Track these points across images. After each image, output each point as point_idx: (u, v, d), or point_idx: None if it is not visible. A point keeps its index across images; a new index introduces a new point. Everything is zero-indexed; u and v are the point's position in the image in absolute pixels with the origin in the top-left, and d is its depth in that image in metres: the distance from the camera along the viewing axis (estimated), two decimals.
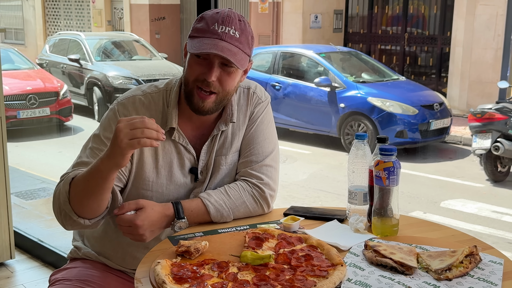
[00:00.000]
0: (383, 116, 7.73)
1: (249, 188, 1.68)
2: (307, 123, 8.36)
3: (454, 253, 1.33)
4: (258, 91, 1.79)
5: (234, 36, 1.58)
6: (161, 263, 1.32)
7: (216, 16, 1.59)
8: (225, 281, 1.27)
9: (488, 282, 1.26)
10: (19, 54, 10.13)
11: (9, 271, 3.21)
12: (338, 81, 8.16)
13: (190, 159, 1.70)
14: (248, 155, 1.72)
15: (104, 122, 1.67)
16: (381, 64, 9.50)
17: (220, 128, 1.71)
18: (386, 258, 1.33)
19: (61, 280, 1.71)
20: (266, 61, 9.11)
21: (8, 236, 3.19)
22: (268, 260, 1.34)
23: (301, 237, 1.49)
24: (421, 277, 1.28)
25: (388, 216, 1.52)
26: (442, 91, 10.75)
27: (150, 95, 1.69)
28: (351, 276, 1.30)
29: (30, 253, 3.39)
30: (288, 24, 12.39)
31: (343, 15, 12.81)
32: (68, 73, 10.98)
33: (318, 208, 1.74)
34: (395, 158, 1.50)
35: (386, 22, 12.57)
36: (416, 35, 11.98)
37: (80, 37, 11.17)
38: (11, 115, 8.56)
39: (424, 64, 11.95)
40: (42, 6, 17.37)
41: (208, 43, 1.55)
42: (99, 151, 1.60)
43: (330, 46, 9.57)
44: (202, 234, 1.57)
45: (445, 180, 6.78)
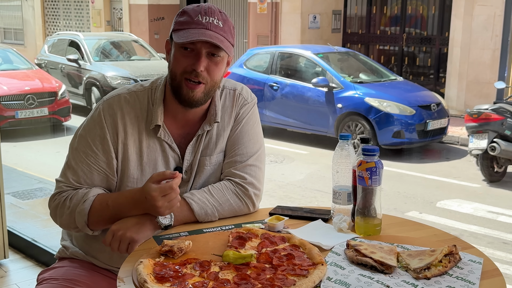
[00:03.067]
0: (381, 117, 7.74)
1: (232, 187, 1.69)
2: (304, 123, 8.38)
3: (433, 252, 1.35)
4: (244, 93, 1.81)
5: (218, 26, 1.62)
6: (144, 262, 1.34)
7: (197, 8, 1.63)
8: (206, 280, 1.29)
9: (466, 281, 1.27)
10: (17, 54, 10.15)
11: (2, 271, 3.23)
12: (336, 81, 8.17)
13: (175, 158, 1.71)
14: (232, 155, 1.74)
15: (89, 123, 1.69)
16: (378, 65, 9.51)
17: (204, 128, 1.72)
18: (366, 257, 1.34)
19: (48, 280, 1.72)
20: (264, 61, 9.13)
21: (1, 235, 3.21)
22: (250, 260, 1.36)
23: (284, 236, 1.50)
24: (400, 276, 1.30)
25: (371, 216, 1.54)
26: (440, 91, 10.76)
27: (135, 93, 1.71)
28: (331, 275, 1.31)
29: (24, 253, 3.41)
30: (287, 24, 12.40)
31: (341, 15, 12.82)
32: (67, 73, 11.00)
33: (304, 207, 1.75)
34: (377, 158, 1.51)
35: (384, 23, 12.58)
36: (415, 35, 11.99)
37: (78, 37, 11.19)
38: (9, 115, 8.59)
39: (423, 65, 11.96)
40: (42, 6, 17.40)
41: (195, 33, 1.58)
42: (86, 155, 1.66)
43: (328, 47, 9.58)
44: (187, 233, 1.58)
45: (442, 180, 6.79)
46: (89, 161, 1.65)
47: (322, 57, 8.68)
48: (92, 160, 1.65)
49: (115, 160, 1.66)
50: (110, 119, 1.67)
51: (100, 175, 1.66)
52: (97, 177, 1.65)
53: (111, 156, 1.66)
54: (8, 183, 6.07)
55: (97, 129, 1.67)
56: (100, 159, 1.65)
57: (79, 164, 1.66)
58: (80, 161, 1.66)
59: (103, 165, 1.66)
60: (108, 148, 1.65)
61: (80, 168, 1.66)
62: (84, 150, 1.66)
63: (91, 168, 1.65)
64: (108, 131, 1.66)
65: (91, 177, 1.65)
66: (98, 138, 1.66)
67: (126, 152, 1.67)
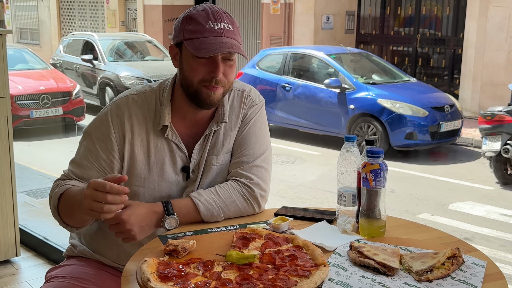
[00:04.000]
0: (393, 118, 7.71)
1: (239, 188, 1.70)
2: (316, 124, 8.37)
3: (436, 255, 1.34)
4: (252, 94, 1.82)
5: (230, 30, 1.63)
6: (148, 261, 1.35)
7: (204, 14, 1.62)
8: (208, 280, 1.30)
9: (468, 284, 1.27)
10: (33, 54, 10.25)
11: (14, 268, 3.27)
12: (348, 82, 8.15)
13: (182, 157, 1.73)
14: (239, 156, 1.75)
15: (96, 122, 1.73)
16: (392, 66, 9.48)
17: (212, 128, 1.74)
18: (368, 259, 1.35)
19: (55, 277, 1.75)
20: (276, 62, 9.13)
21: (13, 233, 3.25)
22: (253, 260, 1.37)
23: (288, 237, 1.51)
24: (402, 278, 1.30)
25: (375, 218, 1.54)
26: (454, 93, 10.69)
27: (144, 94, 1.73)
28: (334, 276, 1.32)
29: (35, 251, 3.44)
30: (300, 25, 12.39)
31: (355, 16, 12.78)
32: (82, 73, 11.09)
33: (309, 208, 1.76)
34: (382, 160, 1.52)
35: (398, 23, 12.52)
36: (429, 36, 11.93)
37: (93, 37, 11.28)
38: (24, 115, 8.67)
39: (437, 66, 11.88)
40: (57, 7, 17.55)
41: (213, 43, 1.58)
42: (89, 152, 1.70)
43: (341, 47, 9.56)
44: (193, 233, 1.60)
45: (455, 183, 6.75)
46: (90, 158, 1.68)
47: (335, 58, 8.67)
48: (94, 157, 1.68)
49: (117, 160, 1.69)
50: (117, 120, 1.69)
51: (99, 173, 1.68)
52: (96, 174, 1.67)
53: (113, 155, 1.68)
54: (22, 181, 6.15)
55: (102, 128, 1.70)
56: (100, 158, 1.68)
57: (82, 159, 1.70)
58: (82, 156, 1.70)
59: (103, 163, 1.68)
60: (111, 147, 1.68)
61: (82, 163, 1.70)
62: (88, 146, 1.70)
63: (92, 164, 1.68)
64: (113, 131, 1.68)
65: (91, 173, 1.67)
66: (102, 137, 1.69)
67: (133, 152, 1.69)
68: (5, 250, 3.23)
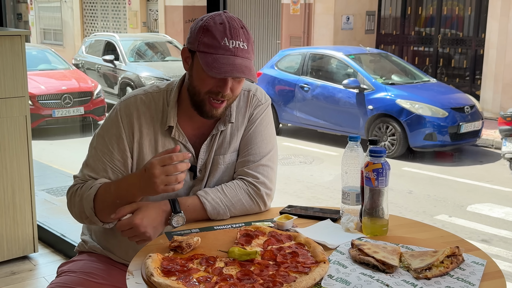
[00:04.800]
0: (412, 119, 7.68)
1: (245, 186, 1.73)
2: (335, 125, 8.37)
3: (435, 253, 1.36)
4: (258, 94, 1.84)
5: (244, 49, 1.62)
6: (152, 256, 1.39)
7: (221, 28, 1.60)
8: (210, 275, 1.33)
9: (466, 282, 1.28)
10: (55, 55, 10.41)
11: (32, 264, 3.34)
12: (367, 82, 8.13)
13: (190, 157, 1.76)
14: (245, 155, 1.78)
15: (107, 123, 1.76)
16: (411, 66, 9.43)
17: (219, 128, 1.77)
18: (368, 257, 1.36)
19: (66, 272, 1.80)
20: (295, 63, 9.15)
21: (32, 230, 3.32)
22: (254, 256, 1.39)
23: (290, 235, 1.53)
24: (401, 276, 1.32)
25: (378, 216, 1.55)
26: (475, 93, 10.60)
27: (151, 94, 1.77)
28: (333, 273, 1.34)
29: (53, 247, 3.52)
30: (320, 25, 12.39)
31: (375, 16, 12.73)
32: (103, 74, 11.24)
33: (314, 207, 1.78)
34: (384, 160, 1.53)
35: (419, 23, 12.44)
36: (450, 36, 11.83)
37: (114, 38, 11.42)
38: (46, 114, 8.83)
39: (458, 66, 11.79)
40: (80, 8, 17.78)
41: (225, 63, 1.58)
42: (103, 153, 1.73)
43: (360, 48, 9.55)
44: (199, 230, 1.63)
45: (474, 184, 6.69)
46: (104, 159, 1.71)
47: (354, 58, 8.66)
48: (108, 158, 1.71)
49: (130, 159, 1.72)
50: (126, 119, 1.73)
51: (115, 173, 1.71)
52: (112, 175, 1.71)
53: (126, 155, 1.71)
54: (43, 180, 6.26)
55: (113, 128, 1.73)
56: (115, 158, 1.71)
57: (96, 162, 1.73)
58: (97, 159, 1.73)
59: (118, 163, 1.71)
60: (124, 147, 1.71)
61: (96, 165, 1.72)
62: (101, 148, 1.73)
63: (106, 166, 1.71)
64: (124, 131, 1.72)
65: (106, 175, 1.71)
66: (114, 137, 1.72)
67: (141, 151, 1.73)
68: (23, 246, 3.31)
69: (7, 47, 3.07)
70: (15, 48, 3.09)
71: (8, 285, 3.10)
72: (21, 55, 3.12)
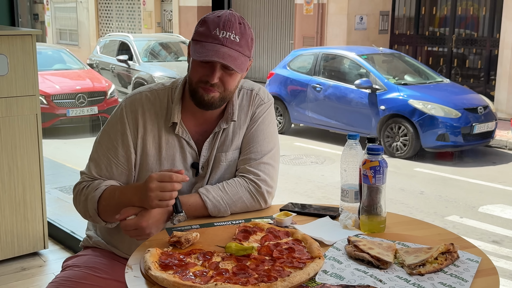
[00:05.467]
0: (424, 119, 7.65)
1: (246, 184, 1.75)
2: (346, 125, 8.36)
3: (430, 249, 1.37)
4: (261, 93, 1.87)
5: (235, 41, 1.65)
6: (151, 251, 1.42)
7: (217, 20, 1.66)
8: (206, 269, 1.35)
9: (459, 278, 1.29)
10: (70, 55, 10.52)
11: (42, 260, 3.39)
12: (379, 83, 8.12)
13: (192, 154, 1.79)
14: (247, 152, 1.80)
15: (112, 119, 1.79)
16: (425, 66, 9.39)
17: (221, 126, 1.79)
18: (363, 253, 1.38)
19: (71, 266, 1.83)
20: (307, 63, 9.16)
21: (42, 227, 3.37)
22: (251, 251, 1.42)
23: (288, 231, 1.55)
24: (395, 272, 1.33)
25: (376, 214, 1.57)
26: (490, 94, 10.52)
27: (156, 91, 1.80)
28: (328, 269, 1.36)
29: (63, 244, 3.57)
30: (333, 25, 12.37)
31: (389, 16, 12.69)
32: (117, 74, 11.33)
33: (315, 205, 1.80)
34: (381, 157, 1.54)
35: (433, 24, 12.37)
36: (464, 37, 11.75)
37: (129, 38, 11.50)
38: (61, 113, 8.92)
39: (472, 67, 11.70)
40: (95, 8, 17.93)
41: (210, 49, 1.63)
42: (108, 149, 1.76)
43: (373, 48, 9.52)
44: (199, 226, 1.65)
45: (486, 185, 6.65)
46: (109, 155, 1.75)
47: (366, 59, 8.64)
48: (112, 154, 1.75)
49: (133, 155, 1.75)
50: (131, 116, 1.76)
51: (119, 169, 1.75)
52: (116, 170, 1.75)
53: (130, 151, 1.75)
54: (57, 178, 6.33)
55: (118, 124, 1.76)
56: (119, 154, 1.75)
57: (101, 157, 1.76)
58: (102, 154, 1.76)
59: (122, 159, 1.75)
60: (128, 143, 1.75)
61: (101, 161, 1.76)
62: (106, 144, 1.76)
63: (111, 161, 1.75)
64: (128, 127, 1.75)
65: (111, 170, 1.75)
66: (119, 133, 1.75)
67: (145, 147, 1.76)
68: (33, 243, 3.36)
69: (19, 46, 3.12)
70: (26, 47, 3.15)
71: (18, 280, 3.16)
72: (32, 55, 3.17)
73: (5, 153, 3.18)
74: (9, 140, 3.18)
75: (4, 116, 3.15)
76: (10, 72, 3.12)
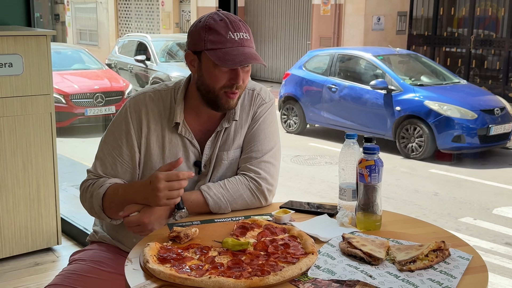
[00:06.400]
0: (440, 120, 7.62)
1: (247, 182, 1.79)
2: (362, 126, 8.35)
3: (421, 247, 1.40)
4: (262, 93, 1.91)
5: (248, 39, 1.72)
6: (150, 245, 1.46)
7: (223, 24, 1.69)
8: (202, 263, 1.40)
9: (448, 275, 1.32)
10: (89, 55, 10.66)
11: (55, 256, 3.47)
12: (395, 83, 8.10)
13: (195, 153, 1.83)
14: (248, 151, 1.84)
15: (117, 119, 1.85)
16: (441, 67, 9.33)
17: (223, 125, 1.84)
18: (356, 249, 1.41)
19: (77, 260, 1.89)
20: (323, 63, 9.17)
21: (55, 223, 3.45)
22: (247, 247, 1.45)
23: (285, 228, 1.59)
24: (386, 268, 1.36)
25: (372, 212, 1.60)
26: (509, 95, 10.43)
27: (160, 92, 1.85)
28: (321, 264, 1.39)
29: (76, 240, 3.64)
30: (350, 26, 12.36)
31: (407, 16, 12.63)
32: (135, 74, 11.44)
33: (314, 203, 1.83)
34: (377, 157, 1.57)
35: (451, 24, 12.29)
36: (483, 37, 11.66)
37: (146, 39, 11.61)
38: (79, 113, 9.05)
39: (491, 68, 11.61)
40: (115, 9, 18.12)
41: (237, 54, 1.67)
42: (113, 148, 1.82)
43: (389, 49, 9.50)
44: (200, 222, 1.70)
45: (501, 187, 6.61)
46: (114, 154, 1.80)
47: (382, 59, 8.63)
48: (117, 153, 1.80)
49: (137, 153, 1.80)
50: (135, 115, 1.81)
51: (123, 167, 1.80)
52: (121, 168, 1.80)
53: (134, 150, 1.80)
54: (74, 176, 6.43)
55: (123, 124, 1.82)
56: (124, 153, 1.80)
57: (106, 156, 1.82)
58: (107, 153, 1.82)
59: (127, 158, 1.80)
60: (132, 142, 1.80)
61: (107, 159, 1.82)
62: (111, 143, 1.82)
63: (116, 160, 1.80)
64: (132, 126, 1.80)
65: (115, 169, 1.80)
66: (123, 132, 1.81)
67: (149, 146, 1.81)
68: (47, 238, 3.44)
69: (33, 46, 3.20)
70: (41, 47, 3.23)
71: (32, 275, 3.24)
72: (46, 54, 3.24)
73: (20, 151, 3.27)
74: (24, 137, 3.27)
75: (19, 115, 3.23)
76: (25, 71, 3.20)
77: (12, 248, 3.35)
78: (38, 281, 3.16)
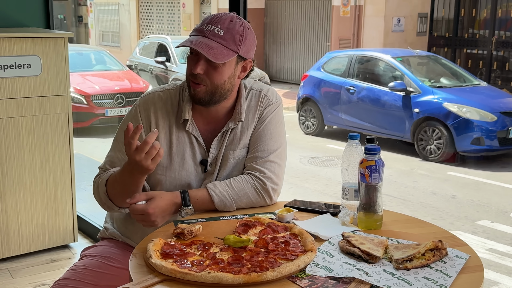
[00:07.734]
0: (459, 122, 7.57)
1: (252, 181, 1.83)
2: (380, 128, 8.33)
3: (418, 246, 1.42)
4: (269, 94, 1.95)
5: (218, 34, 1.75)
6: (155, 241, 1.51)
7: (210, 17, 1.80)
8: (204, 259, 1.44)
9: (443, 274, 1.34)
10: (110, 56, 10.81)
11: (71, 253, 3.54)
12: (414, 85, 8.06)
13: (201, 151, 1.88)
14: (254, 151, 1.88)
15: (127, 117, 1.92)
16: (461, 69, 9.26)
17: (229, 125, 1.88)
18: (354, 247, 1.44)
19: (87, 256, 1.94)
20: (342, 65, 9.16)
21: (72, 220, 3.52)
22: (248, 244, 1.49)
23: (287, 226, 1.62)
24: (382, 266, 1.38)
25: (373, 211, 1.62)
26: None
27: (168, 91, 1.91)
28: (320, 262, 1.42)
29: (91, 238, 3.71)
30: (370, 27, 12.32)
31: (427, 18, 12.55)
32: (155, 75, 11.56)
33: (318, 202, 1.86)
34: (378, 157, 1.60)
35: (473, 26, 12.18)
36: (505, 39, 11.53)
37: (167, 40, 11.72)
38: (100, 113, 9.18)
39: None
40: (137, 11, 18.30)
41: (190, 40, 1.76)
42: (122, 145, 1.84)
43: (408, 50, 9.46)
44: (205, 220, 1.74)
45: None
46: (123, 150, 1.85)
47: (401, 61, 8.59)
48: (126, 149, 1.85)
49: None
50: (144, 113, 1.87)
51: None
52: None
53: None
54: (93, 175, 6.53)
55: (132, 121, 1.87)
56: None
57: (116, 152, 1.88)
58: (117, 150, 1.88)
59: None
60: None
61: (116, 156, 1.87)
62: (120, 140, 1.86)
63: (124, 156, 1.85)
64: (142, 124, 1.85)
65: None
66: None
67: None
68: (63, 236, 3.52)
69: (51, 48, 3.28)
70: (59, 49, 3.30)
71: (48, 271, 3.31)
72: (64, 56, 3.32)
73: (38, 150, 3.35)
74: (42, 137, 3.34)
75: (37, 115, 3.31)
76: (43, 72, 3.28)
77: (30, 244, 3.43)
78: (54, 277, 3.23)
